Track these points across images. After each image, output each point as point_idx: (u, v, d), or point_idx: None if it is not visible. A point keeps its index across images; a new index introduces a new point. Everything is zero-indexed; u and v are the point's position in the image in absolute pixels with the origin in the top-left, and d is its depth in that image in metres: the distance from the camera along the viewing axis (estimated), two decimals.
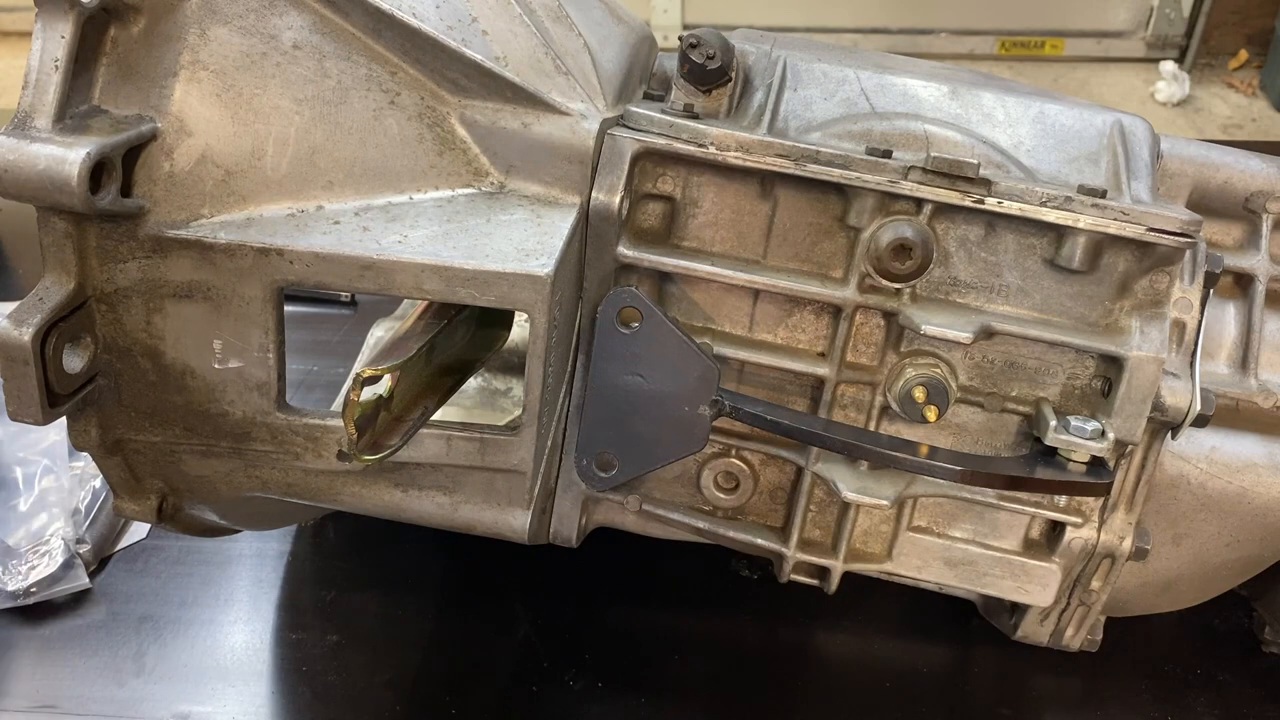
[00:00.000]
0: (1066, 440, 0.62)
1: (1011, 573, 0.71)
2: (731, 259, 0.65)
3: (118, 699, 0.79)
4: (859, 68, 0.67)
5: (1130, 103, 3.43)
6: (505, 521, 0.67)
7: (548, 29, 0.61)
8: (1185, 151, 0.71)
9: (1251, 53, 3.64)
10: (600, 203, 0.61)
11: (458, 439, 0.62)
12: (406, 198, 0.59)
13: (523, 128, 0.60)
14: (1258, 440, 0.70)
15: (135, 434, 0.61)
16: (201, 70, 0.54)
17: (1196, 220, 0.60)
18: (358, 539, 0.92)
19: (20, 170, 0.49)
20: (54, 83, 0.50)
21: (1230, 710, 0.81)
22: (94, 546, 0.88)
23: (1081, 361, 0.64)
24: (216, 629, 0.84)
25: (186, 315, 0.57)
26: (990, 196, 0.60)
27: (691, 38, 0.64)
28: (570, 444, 0.68)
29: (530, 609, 0.86)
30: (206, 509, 0.69)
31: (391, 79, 0.58)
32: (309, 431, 0.61)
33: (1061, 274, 0.62)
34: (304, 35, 0.56)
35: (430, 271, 0.55)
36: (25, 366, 0.51)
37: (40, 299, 0.52)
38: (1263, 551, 0.73)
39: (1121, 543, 0.68)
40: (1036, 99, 0.67)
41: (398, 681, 0.81)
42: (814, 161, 0.61)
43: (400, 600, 0.87)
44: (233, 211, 0.56)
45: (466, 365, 0.67)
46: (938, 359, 0.65)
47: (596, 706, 0.79)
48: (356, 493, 0.66)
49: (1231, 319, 0.70)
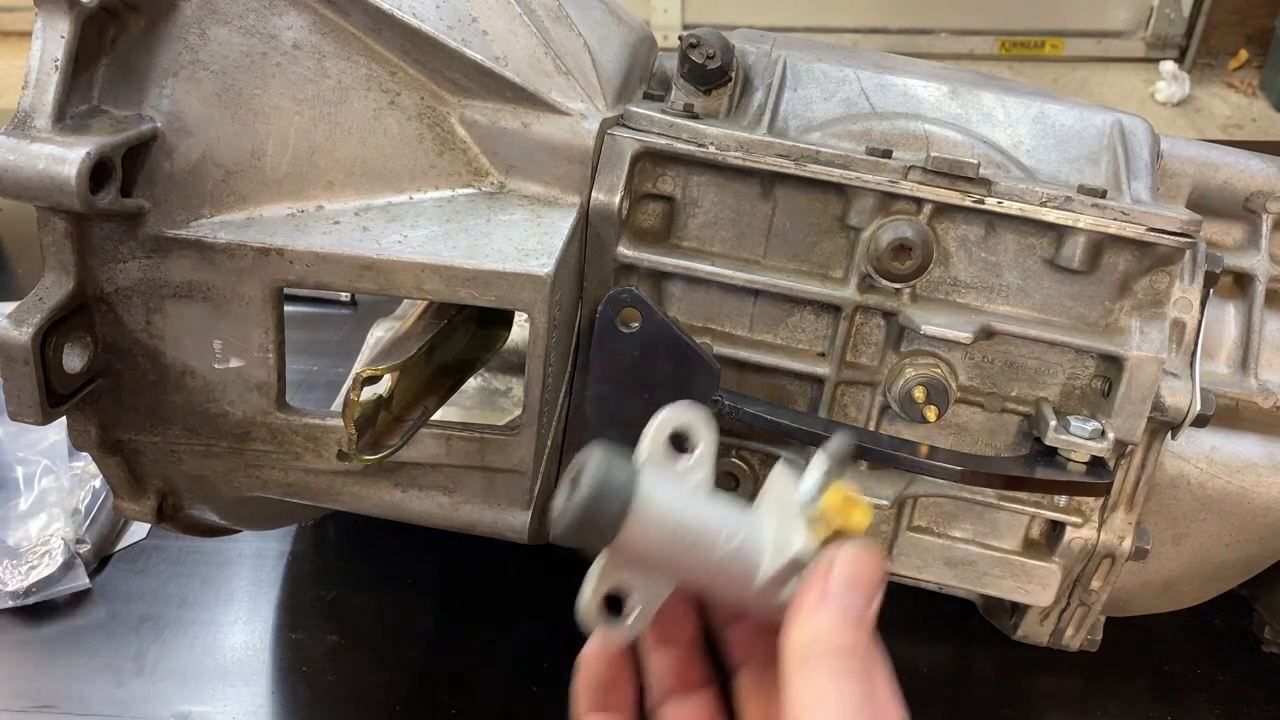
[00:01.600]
0: (1066, 440, 0.62)
1: (1011, 573, 0.71)
2: (731, 259, 0.65)
3: (118, 699, 0.79)
4: (859, 68, 0.67)
5: (1130, 103, 3.43)
6: (505, 521, 0.67)
7: (548, 29, 0.61)
8: (1185, 151, 0.71)
9: (1251, 53, 3.64)
10: (600, 203, 0.61)
11: (458, 439, 0.62)
12: (406, 198, 0.59)
13: (523, 128, 0.60)
14: (1258, 440, 0.70)
15: (135, 434, 0.61)
16: (201, 70, 0.54)
17: (1196, 220, 0.60)
18: (358, 539, 0.92)
19: (20, 170, 0.49)
20: (54, 82, 0.50)
21: (1230, 710, 0.81)
22: (94, 546, 0.88)
23: (1081, 361, 0.64)
24: (216, 629, 0.84)
25: (186, 315, 0.57)
26: (990, 196, 0.60)
27: (691, 38, 0.64)
28: (570, 444, 0.68)
29: (530, 609, 0.86)
30: (206, 509, 0.69)
31: (391, 79, 0.58)
32: (309, 431, 0.61)
33: (1061, 274, 0.62)
34: (304, 35, 0.56)
35: (430, 271, 0.55)
36: (25, 366, 0.51)
37: (40, 299, 0.52)
38: (1263, 551, 0.73)
39: (1121, 543, 0.68)
40: (1036, 99, 0.67)
41: (398, 681, 0.81)
42: (814, 161, 0.61)
43: (400, 600, 0.87)
44: (233, 211, 0.56)
45: (466, 365, 0.67)
46: (938, 359, 0.65)
47: None
48: (356, 493, 0.66)
49: (1231, 319, 0.70)
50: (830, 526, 0.42)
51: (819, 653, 0.40)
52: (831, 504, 0.42)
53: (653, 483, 0.42)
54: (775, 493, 0.45)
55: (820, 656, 0.40)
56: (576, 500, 0.41)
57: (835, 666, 0.39)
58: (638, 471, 0.42)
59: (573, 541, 0.42)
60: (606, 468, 0.41)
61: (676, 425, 0.46)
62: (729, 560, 0.43)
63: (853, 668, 0.40)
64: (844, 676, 0.39)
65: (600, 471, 0.41)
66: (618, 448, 0.43)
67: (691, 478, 0.45)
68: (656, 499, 0.42)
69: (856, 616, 0.40)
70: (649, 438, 0.45)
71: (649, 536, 0.42)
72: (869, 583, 0.41)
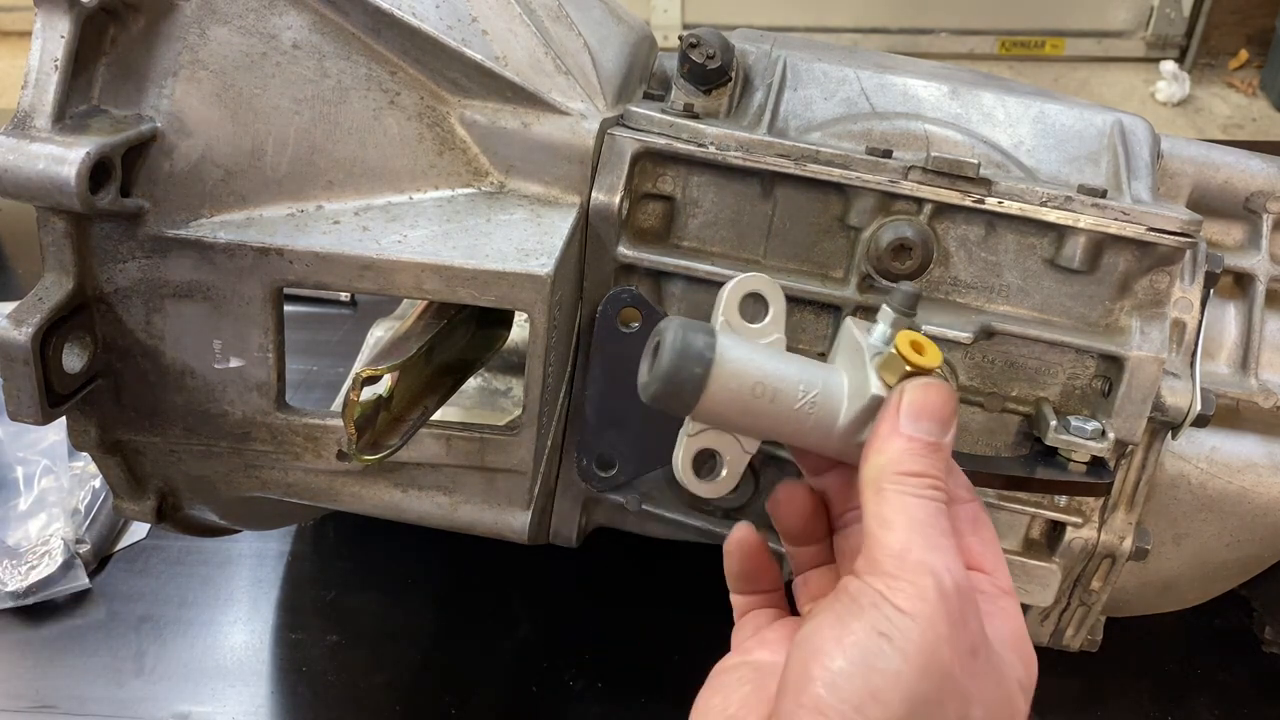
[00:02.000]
0: (1067, 440, 0.61)
1: (1012, 573, 0.70)
2: (731, 259, 0.65)
3: (118, 699, 0.79)
4: (859, 67, 0.67)
5: (1130, 103, 3.43)
6: (505, 521, 0.67)
7: (548, 29, 0.61)
8: (1185, 151, 0.71)
9: (1252, 53, 3.64)
10: (600, 203, 0.61)
11: (458, 439, 0.62)
12: (406, 197, 0.59)
13: (523, 127, 0.60)
14: (1258, 440, 0.70)
15: (135, 434, 0.61)
16: (201, 70, 0.54)
17: (1197, 220, 0.60)
18: (358, 539, 0.92)
19: (20, 170, 0.49)
20: (53, 82, 0.50)
21: (1230, 710, 0.81)
22: (94, 546, 0.88)
23: (1082, 361, 0.64)
24: (216, 629, 0.84)
25: (186, 315, 0.57)
26: (990, 196, 0.60)
27: (691, 37, 0.64)
28: (570, 444, 0.68)
29: (530, 609, 0.86)
30: (206, 509, 0.69)
31: (391, 79, 0.58)
32: (309, 431, 0.61)
33: (1062, 274, 0.62)
34: (304, 35, 0.56)
35: (430, 271, 0.55)
36: (25, 366, 0.51)
37: (40, 299, 0.52)
38: (1263, 551, 0.73)
39: (1122, 543, 0.68)
40: (1037, 99, 0.67)
41: (398, 681, 0.81)
42: (814, 161, 0.61)
43: (400, 600, 0.87)
44: (232, 211, 0.56)
45: (466, 365, 0.67)
46: None
47: (596, 706, 0.79)
48: (356, 493, 0.66)
49: (1232, 319, 0.70)
50: (902, 368, 0.44)
51: (889, 477, 0.42)
52: (901, 346, 0.44)
53: (730, 346, 0.44)
54: (847, 346, 0.48)
55: (890, 480, 0.42)
56: (660, 369, 0.43)
57: (906, 486, 0.42)
58: (715, 336, 0.44)
59: (660, 407, 0.44)
60: (685, 335, 0.43)
61: (749, 289, 0.49)
62: (809, 411, 0.45)
63: (924, 491, 0.42)
64: (914, 497, 0.41)
65: (679, 340, 0.43)
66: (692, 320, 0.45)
67: (766, 339, 0.48)
68: (735, 360, 0.44)
69: (925, 444, 0.43)
70: (723, 303, 0.48)
71: (731, 396, 0.44)
72: (938, 412, 0.43)
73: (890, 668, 0.38)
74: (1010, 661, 0.43)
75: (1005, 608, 0.45)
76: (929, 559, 0.40)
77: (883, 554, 0.41)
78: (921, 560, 0.40)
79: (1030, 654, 0.45)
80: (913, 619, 0.39)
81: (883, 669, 0.38)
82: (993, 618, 0.43)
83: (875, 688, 0.38)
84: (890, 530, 0.41)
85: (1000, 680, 0.41)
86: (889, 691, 0.38)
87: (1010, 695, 0.42)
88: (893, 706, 0.38)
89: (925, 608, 0.39)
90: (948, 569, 0.40)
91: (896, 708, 0.38)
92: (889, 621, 0.39)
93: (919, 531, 0.41)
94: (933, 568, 0.40)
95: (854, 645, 0.39)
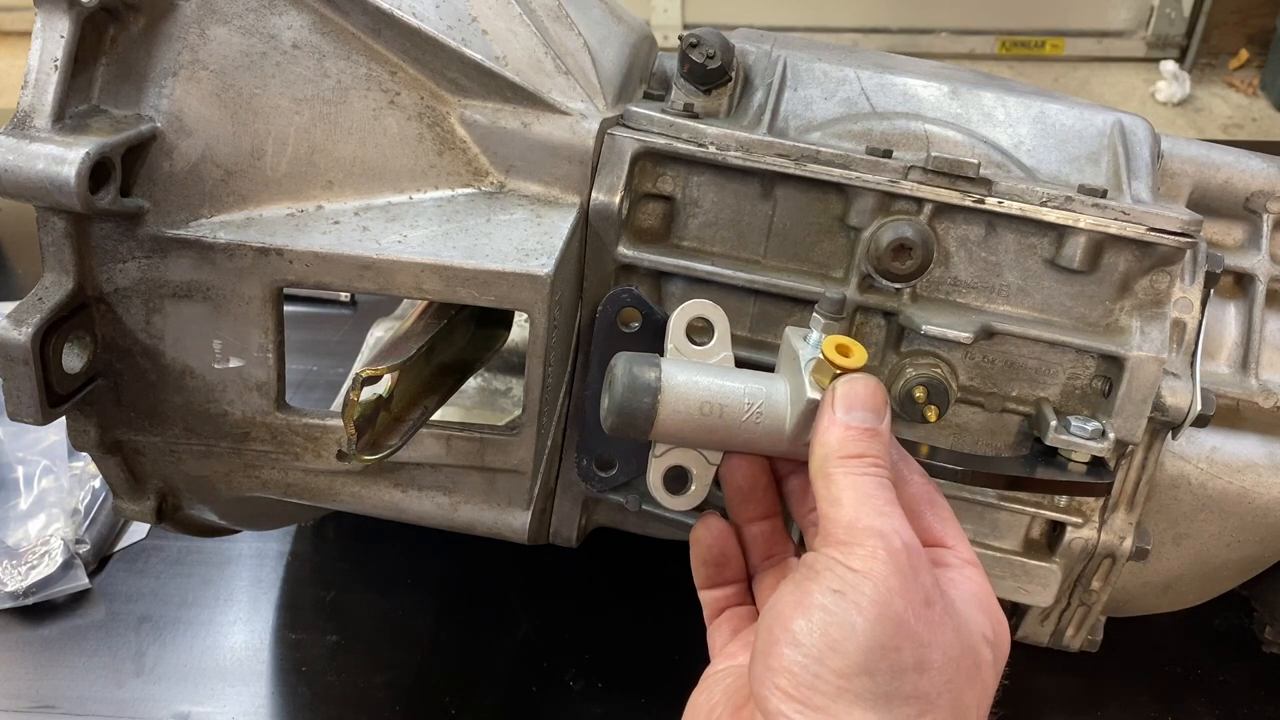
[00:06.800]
0: (1067, 440, 0.61)
1: (1012, 573, 0.71)
2: (731, 259, 0.64)
3: (117, 699, 0.79)
4: (859, 67, 0.67)
5: (1130, 102, 3.43)
6: (505, 521, 0.67)
7: (548, 29, 0.61)
8: (1186, 151, 0.71)
9: (1252, 52, 3.64)
10: (600, 202, 0.61)
11: (458, 439, 0.62)
12: (406, 197, 0.59)
13: (523, 127, 0.60)
14: (1258, 440, 0.70)
15: (135, 434, 0.61)
16: (201, 70, 0.54)
17: (1197, 220, 0.60)
18: (358, 539, 0.92)
19: (19, 170, 0.49)
20: (53, 82, 0.50)
21: (1230, 710, 0.81)
22: (94, 546, 0.88)
23: (1082, 361, 0.64)
24: (216, 629, 0.84)
25: (186, 315, 0.57)
26: (990, 196, 0.60)
27: (691, 37, 0.64)
28: (570, 444, 0.68)
29: (530, 609, 0.86)
30: (206, 509, 0.69)
31: (391, 79, 0.58)
32: (309, 431, 0.61)
33: (1062, 274, 0.62)
34: (304, 35, 0.56)
35: (430, 271, 0.55)
36: (25, 366, 0.51)
37: (40, 299, 0.52)
38: (1263, 551, 0.73)
39: (1122, 543, 0.68)
40: (1037, 99, 0.67)
41: (398, 681, 0.81)
42: (814, 161, 0.61)
43: (400, 600, 0.87)
44: (232, 211, 0.56)
45: (466, 365, 0.67)
46: (938, 359, 0.64)
47: (596, 706, 0.79)
48: (356, 493, 0.66)
49: (1232, 319, 0.70)
50: (831, 371, 0.48)
51: (834, 462, 0.46)
52: (827, 351, 0.47)
53: (675, 372, 0.49)
54: (786, 355, 0.52)
55: (835, 464, 0.46)
56: (613, 403, 0.49)
57: (849, 467, 0.46)
58: (659, 367, 0.49)
59: (620, 436, 0.50)
60: (632, 370, 0.49)
61: (692, 316, 0.54)
62: (756, 421, 0.49)
63: (867, 470, 0.45)
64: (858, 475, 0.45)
65: (627, 374, 0.49)
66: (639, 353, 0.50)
67: (714, 358, 0.54)
68: (680, 385, 0.49)
69: (862, 430, 0.47)
70: (670, 333, 0.54)
71: (682, 418, 0.49)
72: (867, 401, 0.47)
73: (847, 619, 0.41)
74: (972, 616, 0.45)
75: (970, 575, 0.48)
76: (877, 523, 0.43)
77: (835, 526, 0.44)
78: (870, 525, 0.43)
79: (997, 611, 0.47)
80: (865, 575, 0.42)
81: (840, 622, 0.41)
82: (955, 583, 0.47)
83: (834, 640, 0.41)
84: (840, 506, 0.44)
85: (959, 628, 0.44)
86: (847, 642, 0.41)
87: (973, 645, 0.44)
88: (851, 655, 0.41)
89: (877, 565, 0.42)
90: (896, 531, 0.43)
91: (855, 656, 0.41)
92: (843, 580, 0.42)
93: (865, 503, 0.44)
94: (881, 530, 0.43)
95: (812, 605, 0.42)
